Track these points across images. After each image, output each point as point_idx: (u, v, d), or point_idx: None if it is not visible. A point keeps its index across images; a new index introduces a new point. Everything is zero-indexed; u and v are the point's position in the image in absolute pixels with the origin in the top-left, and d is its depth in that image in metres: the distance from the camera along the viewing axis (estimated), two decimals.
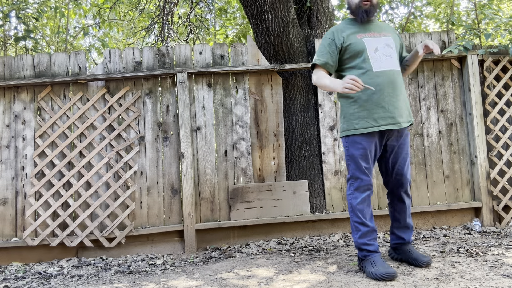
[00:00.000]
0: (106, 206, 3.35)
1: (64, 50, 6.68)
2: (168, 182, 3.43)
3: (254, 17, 3.62)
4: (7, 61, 3.46)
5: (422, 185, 3.58)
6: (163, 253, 3.36)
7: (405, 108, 2.35)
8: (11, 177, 3.35)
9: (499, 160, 3.57)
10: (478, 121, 3.55)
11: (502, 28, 4.09)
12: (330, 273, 2.34)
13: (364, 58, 2.31)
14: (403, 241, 2.48)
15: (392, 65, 2.31)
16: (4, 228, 3.32)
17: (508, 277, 2.10)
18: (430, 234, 3.34)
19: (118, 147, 3.38)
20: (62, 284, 2.59)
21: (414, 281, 2.10)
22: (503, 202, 3.53)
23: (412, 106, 3.64)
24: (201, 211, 3.42)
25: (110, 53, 3.51)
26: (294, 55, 3.70)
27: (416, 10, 6.77)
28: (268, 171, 3.52)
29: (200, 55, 3.55)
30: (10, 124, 3.41)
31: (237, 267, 2.66)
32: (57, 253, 3.32)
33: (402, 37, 3.69)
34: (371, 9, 2.33)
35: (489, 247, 2.81)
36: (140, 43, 7.61)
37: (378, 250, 2.32)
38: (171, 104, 3.50)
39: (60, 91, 3.45)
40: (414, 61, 2.50)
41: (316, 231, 3.49)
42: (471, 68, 3.58)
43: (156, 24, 5.83)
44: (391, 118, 2.28)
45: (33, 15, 5.03)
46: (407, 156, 2.41)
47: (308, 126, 3.69)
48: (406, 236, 2.47)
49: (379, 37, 2.34)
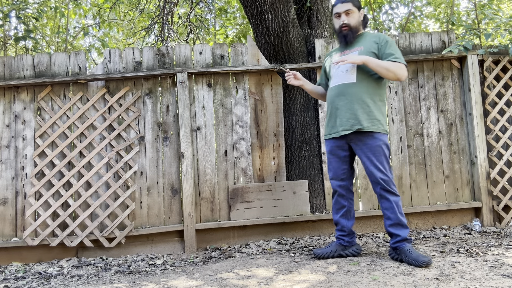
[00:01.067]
0: (106, 206, 3.36)
1: (64, 50, 6.68)
2: (168, 182, 3.43)
3: (254, 17, 3.62)
4: (7, 61, 3.46)
5: (422, 185, 3.58)
6: (163, 253, 3.36)
7: (348, 117, 2.58)
8: (11, 177, 3.35)
9: (499, 160, 3.57)
10: (478, 121, 3.55)
11: (502, 28, 4.09)
12: (330, 273, 2.34)
13: (330, 74, 2.75)
14: (400, 238, 2.50)
15: (345, 79, 2.61)
16: (4, 228, 3.32)
17: (508, 277, 2.10)
18: (430, 234, 3.34)
19: (118, 147, 3.38)
20: (62, 284, 2.59)
21: (414, 281, 2.11)
22: (503, 202, 3.53)
23: (412, 106, 3.64)
24: (201, 211, 3.42)
25: (110, 53, 3.51)
26: (294, 55, 3.70)
27: (416, 10, 6.77)
28: (268, 171, 3.52)
29: (200, 55, 3.55)
30: (10, 124, 3.41)
31: (237, 267, 2.66)
32: (57, 253, 3.32)
33: (402, 37, 3.69)
34: (349, 34, 2.65)
35: (489, 247, 2.81)
36: (140, 43, 7.61)
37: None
38: (171, 104, 3.50)
39: (60, 91, 3.45)
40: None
41: (316, 231, 3.49)
42: (471, 68, 3.58)
43: (156, 24, 5.83)
44: (334, 127, 2.65)
45: (33, 15, 5.03)
46: (373, 156, 2.56)
47: (308, 126, 3.69)
48: (401, 233, 2.51)
49: (348, 54, 2.64)
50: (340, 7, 2.63)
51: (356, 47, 2.65)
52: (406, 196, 3.55)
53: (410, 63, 3.68)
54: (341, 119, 2.61)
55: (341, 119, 2.60)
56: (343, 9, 2.62)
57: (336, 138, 2.67)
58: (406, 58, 3.59)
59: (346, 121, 2.59)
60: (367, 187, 3.54)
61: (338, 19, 2.66)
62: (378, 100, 2.61)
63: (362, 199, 3.54)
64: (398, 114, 3.63)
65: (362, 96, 2.57)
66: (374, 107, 2.58)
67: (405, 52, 3.68)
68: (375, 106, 2.59)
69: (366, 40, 2.64)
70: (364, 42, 2.63)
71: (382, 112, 2.62)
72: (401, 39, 3.70)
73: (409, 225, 3.54)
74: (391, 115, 3.63)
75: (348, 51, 2.67)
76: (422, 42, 3.70)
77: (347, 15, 2.62)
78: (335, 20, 2.69)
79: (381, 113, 2.61)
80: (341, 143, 2.67)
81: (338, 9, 2.64)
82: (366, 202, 3.54)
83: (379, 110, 2.60)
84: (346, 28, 2.63)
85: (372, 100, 2.59)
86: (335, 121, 2.65)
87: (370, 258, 2.65)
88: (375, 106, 2.58)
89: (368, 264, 2.51)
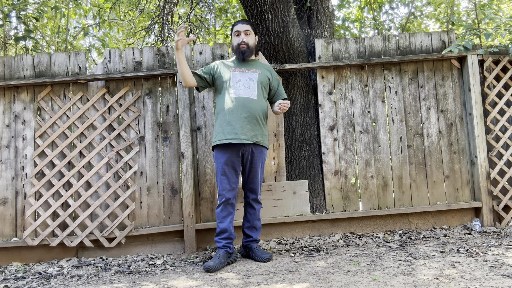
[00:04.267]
0: (106, 206, 3.36)
1: (64, 50, 6.68)
2: (168, 182, 3.43)
3: (254, 17, 3.62)
4: (7, 61, 3.46)
5: (422, 185, 3.58)
6: (163, 253, 3.36)
7: (253, 130, 2.78)
8: (11, 177, 3.35)
9: (499, 160, 3.57)
10: (478, 121, 3.55)
11: (502, 28, 4.09)
12: (330, 273, 2.34)
13: (228, 85, 2.87)
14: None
15: (247, 94, 2.81)
16: (4, 228, 3.32)
17: (508, 277, 2.10)
18: (430, 234, 3.34)
19: (118, 147, 3.38)
20: (62, 284, 2.59)
21: (414, 281, 2.11)
22: (503, 202, 3.53)
23: (412, 106, 3.64)
24: (201, 211, 3.42)
25: (110, 53, 3.51)
26: (294, 55, 3.70)
27: (416, 10, 6.77)
28: (268, 171, 3.52)
29: (200, 55, 3.55)
30: (10, 124, 3.41)
31: (237, 267, 2.66)
32: (57, 253, 3.32)
33: (402, 37, 3.70)
34: (247, 51, 2.90)
35: (489, 247, 2.81)
36: (140, 43, 7.62)
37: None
38: (171, 104, 3.50)
39: (60, 91, 3.45)
40: (276, 111, 2.94)
41: (316, 231, 3.49)
42: (471, 68, 3.58)
43: (156, 24, 5.83)
44: (235, 133, 2.75)
45: (33, 15, 5.03)
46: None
47: (308, 126, 3.69)
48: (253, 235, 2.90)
49: (247, 73, 2.88)
50: (241, 27, 2.91)
51: (253, 68, 2.92)
52: (406, 196, 3.55)
53: (410, 63, 3.68)
54: (243, 129, 2.78)
55: (243, 129, 2.78)
56: (243, 28, 2.90)
57: (235, 145, 2.78)
58: (406, 58, 3.59)
59: (248, 132, 2.78)
60: (367, 187, 3.55)
61: (238, 37, 2.91)
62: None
63: (362, 199, 3.54)
64: (398, 114, 3.63)
65: (263, 114, 2.88)
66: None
67: (405, 52, 3.68)
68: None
69: (260, 67, 2.96)
70: (260, 68, 2.94)
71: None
72: (401, 39, 3.70)
73: (409, 225, 3.55)
74: (391, 115, 3.63)
75: (246, 69, 2.91)
76: (422, 42, 3.70)
77: (246, 35, 2.91)
78: (234, 38, 2.94)
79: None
80: (238, 153, 2.80)
81: (239, 28, 2.91)
82: (366, 202, 3.54)
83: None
84: (244, 46, 2.89)
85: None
86: (235, 128, 2.81)
87: (370, 258, 2.65)
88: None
89: (368, 264, 2.51)
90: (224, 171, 2.78)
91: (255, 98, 2.82)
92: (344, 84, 3.64)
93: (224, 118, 2.79)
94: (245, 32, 2.90)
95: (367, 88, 3.64)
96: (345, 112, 3.61)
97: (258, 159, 2.84)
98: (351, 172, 3.56)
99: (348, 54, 3.67)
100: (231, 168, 2.79)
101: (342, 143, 3.58)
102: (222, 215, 2.78)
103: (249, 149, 2.80)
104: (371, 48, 3.68)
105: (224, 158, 2.78)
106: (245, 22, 2.93)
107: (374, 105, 3.62)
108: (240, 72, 2.89)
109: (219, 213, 2.79)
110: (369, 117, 3.61)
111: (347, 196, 3.54)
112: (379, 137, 3.60)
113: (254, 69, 2.92)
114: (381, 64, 3.65)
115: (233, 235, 2.80)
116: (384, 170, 3.57)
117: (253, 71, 2.90)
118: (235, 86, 2.83)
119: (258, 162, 2.84)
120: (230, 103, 2.80)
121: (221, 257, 2.70)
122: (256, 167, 2.84)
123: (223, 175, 2.78)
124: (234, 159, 2.79)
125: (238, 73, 2.87)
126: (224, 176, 2.78)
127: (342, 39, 3.69)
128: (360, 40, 3.69)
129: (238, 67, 2.93)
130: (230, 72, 2.90)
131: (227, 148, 2.78)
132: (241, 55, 2.90)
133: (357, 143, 3.60)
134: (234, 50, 2.95)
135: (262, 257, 2.76)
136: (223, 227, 2.76)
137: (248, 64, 2.94)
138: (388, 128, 3.63)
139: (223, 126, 2.78)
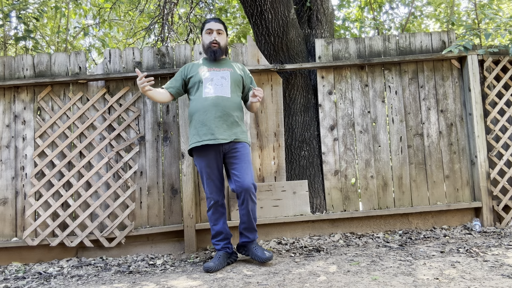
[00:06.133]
0: (106, 206, 3.36)
1: (64, 50, 6.68)
2: (168, 182, 3.43)
3: (254, 17, 3.62)
4: (7, 61, 3.46)
5: (422, 185, 3.58)
6: (163, 253, 3.36)
7: (231, 129, 2.72)
8: (11, 177, 3.35)
9: (499, 160, 3.57)
10: (478, 121, 3.55)
11: (502, 28, 4.09)
12: (330, 273, 2.34)
13: (200, 86, 2.79)
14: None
15: (220, 92, 2.73)
16: (4, 228, 3.32)
17: (508, 277, 2.10)
18: (430, 234, 3.34)
19: (118, 147, 3.38)
20: (62, 284, 2.59)
21: (414, 281, 2.11)
22: (503, 202, 3.53)
23: (412, 106, 3.64)
24: (201, 211, 3.42)
25: (110, 53, 3.51)
26: (294, 55, 3.70)
27: (416, 10, 6.77)
28: (268, 171, 3.52)
29: (200, 55, 3.55)
30: (10, 124, 3.41)
31: (237, 267, 2.66)
32: (57, 253, 3.32)
33: (402, 37, 3.70)
34: (218, 51, 2.83)
35: (489, 247, 2.80)
36: (140, 43, 7.61)
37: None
38: (171, 104, 3.50)
39: (60, 91, 3.45)
40: (251, 105, 2.93)
41: (316, 231, 3.49)
42: (471, 68, 3.58)
43: (156, 24, 5.83)
44: (211, 134, 2.67)
45: (33, 15, 5.03)
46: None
47: (308, 126, 3.69)
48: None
49: (218, 71, 2.81)
50: (213, 25, 2.83)
51: (225, 67, 2.85)
52: (406, 196, 3.55)
53: (410, 63, 3.68)
54: (219, 129, 2.71)
55: (219, 128, 2.71)
56: (216, 27, 2.83)
57: (213, 145, 2.72)
58: (406, 58, 3.59)
59: (224, 131, 2.72)
60: (367, 187, 3.55)
61: (209, 35, 2.83)
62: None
63: (362, 199, 3.54)
64: (398, 114, 3.63)
65: (236, 110, 2.82)
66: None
67: (405, 52, 3.68)
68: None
69: (231, 66, 2.90)
70: (231, 67, 2.88)
71: None
72: (401, 39, 3.70)
73: (409, 225, 3.55)
74: (391, 115, 3.63)
75: (218, 68, 2.83)
76: (422, 42, 3.70)
77: (218, 34, 2.84)
78: (205, 36, 2.86)
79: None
80: (217, 153, 2.74)
81: (211, 26, 2.83)
82: (366, 202, 3.54)
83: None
84: (216, 45, 2.82)
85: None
86: (210, 129, 2.76)
87: (370, 258, 2.65)
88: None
89: (368, 264, 2.51)
90: (208, 174, 2.71)
91: (229, 96, 2.74)
92: (344, 84, 3.64)
93: (198, 119, 2.70)
94: (218, 31, 2.83)
95: (367, 88, 3.64)
96: (345, 112, 3.61)
97: (243, 154, 2.72)
98: (351, 172, 3.56)
99: (348, 54, 3.67)
100: (215, 170, 2.72)
101: (342, 143, 3.58)
102: (214, 218, 2.76)
103: (229, 146, 2.71)
104: (371, 48, 3.68)
105: (205, 162, 2.70)
106: (217, 21, 2.86)
107: (374, 105, 3.63)
108: (212, 71, 2.80)
109: (211, 216, 2.77)
110: (369, 117, 3.61)
111: (347, 196, 3.54)
112: (379, 137, 3.60)
113: (226, 67, 2.85)
114: (381, 64, 3.66)
115: (229, 234, 2.79)
116: (384, 170, 3.57)
117: (225, 69, 2.83)
118: (208, 86, 2.75)
119: (243, 157, 2.72)
120: (203, 103, 2.70)
121: (221, 257, 2.70)
122: (242, 161, 2.71)
123: (208, 179, 2.72)
124: (215, 160, 2.71)
125: (209, 72, 2.79)
126: (209, 179, 2.72)
127: (342, 39, 3.69)
128: (360, 40, 3.69)
129: (210, 66, 2.84)
130: (201, 72, 2.81)
131: (205, 150, 2.70)
132: (213, 54, 2.82)
133: (357, 143, 3.61)
134: (205, 49, 2.87)
135: (262, 257, 2.69)
136: (218, 229, 2.76)
137: (220, 63, 2.87)
138: (388, 128, 3.63)
139: (198, 127, 2.70)
